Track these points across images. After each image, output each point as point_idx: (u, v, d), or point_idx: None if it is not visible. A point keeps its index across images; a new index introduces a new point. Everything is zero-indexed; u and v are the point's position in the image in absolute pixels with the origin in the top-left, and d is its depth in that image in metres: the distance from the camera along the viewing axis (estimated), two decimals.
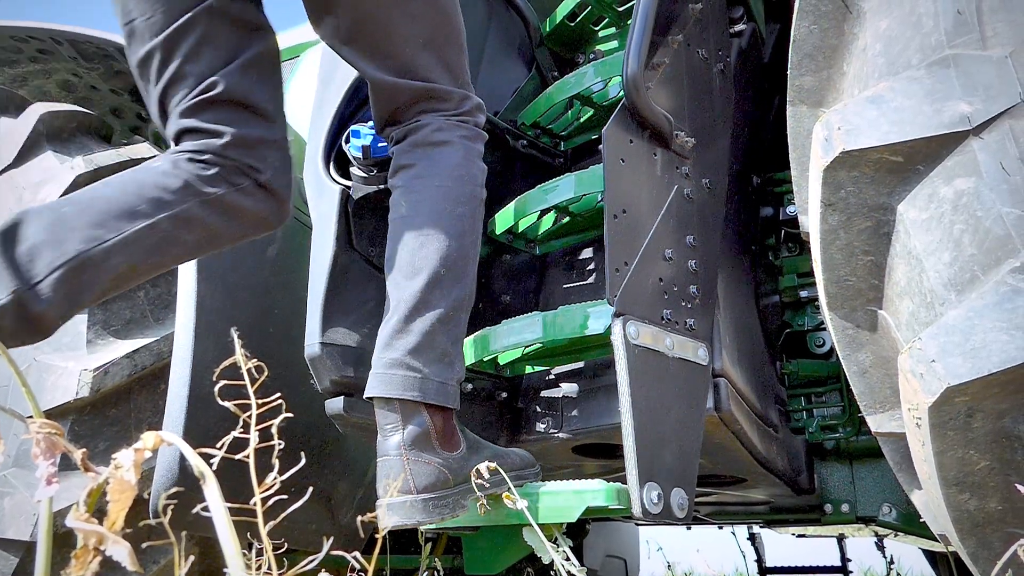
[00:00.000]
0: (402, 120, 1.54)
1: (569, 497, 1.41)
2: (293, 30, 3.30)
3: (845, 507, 2.11)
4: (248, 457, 0.66)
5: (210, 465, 0.60)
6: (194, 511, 0.67)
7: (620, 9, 2.20)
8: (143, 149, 2.38)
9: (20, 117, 2.35)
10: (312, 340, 1.72)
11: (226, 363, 0.73)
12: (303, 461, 0.69)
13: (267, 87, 1.49)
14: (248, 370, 0.73)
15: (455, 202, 1.46)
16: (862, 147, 1.20)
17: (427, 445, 1.39)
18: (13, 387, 2.08)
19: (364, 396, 1.47)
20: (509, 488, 1.40)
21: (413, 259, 1.44)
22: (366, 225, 1.82)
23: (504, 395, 1.96)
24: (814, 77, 1.44)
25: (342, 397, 1.75)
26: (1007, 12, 1.19)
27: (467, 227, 1.47)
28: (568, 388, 1.91)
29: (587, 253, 2.13)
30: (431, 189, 1.47)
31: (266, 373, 0.72)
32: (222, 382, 0.72)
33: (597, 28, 2.28)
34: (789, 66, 1.45)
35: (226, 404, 0.69)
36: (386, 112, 1.55)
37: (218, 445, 0.68)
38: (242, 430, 0.69)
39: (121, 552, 0.57)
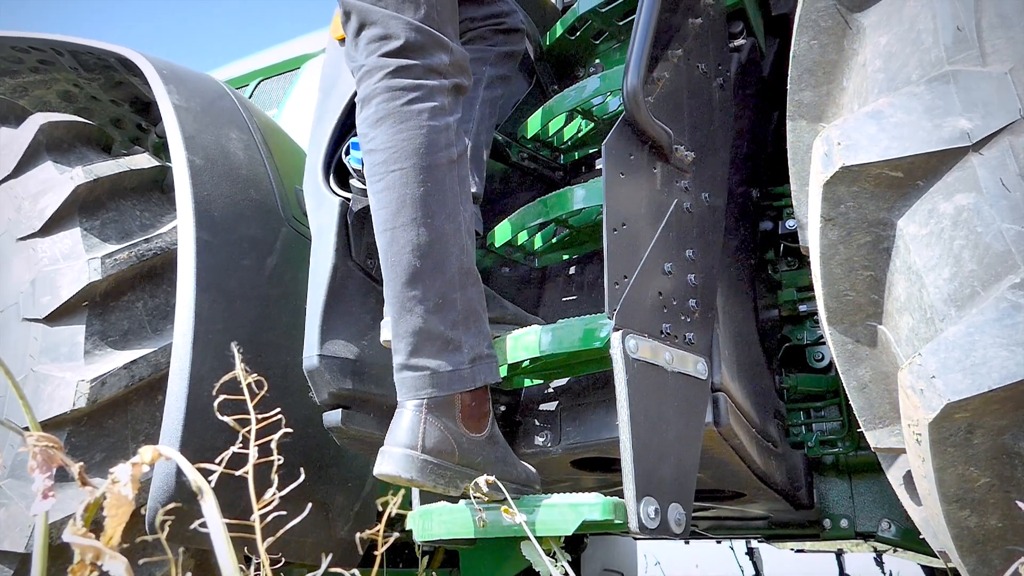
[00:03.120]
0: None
1: (565, 510, 1.40)
2: (294, 41, 3.31)
3: (844, 522, 2.10)
4: (247, 472, 0.66)
5: (208, 480, 0.59)
6: (192, 526, 0.67)
7: (620, 23, 2.21)
8: (143, 160, 2.38)
9: (20, 127, 2.35)
10: (310, 352, 1.72)
11: (226, 377, 0.73)
12: (302, 477, 0.68)
13: None
14: (248, 385, 0.72)
15: (417, 183, 1.44)
16: (862, 162, 1.20)
17: (449, 414, 1.41)
18: (10, 398, 2.08)
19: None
20: (507, 501, 1.40)
21: (387, 257, 1.45)
22: (365, 237, 1.82)
23: (502, 408, 1.96)
24: (814, 92, 1.45)
25: (340, 409, 1.75)
26: (1006, 29, 1.19)
27: (435, 205, 1.44)
28: (567, 401, 1.91)
29: (586, 267, 2.13)
30: (389, 177, 1.46)
31: (266, 388, 0.72)
32: (221, 396, 0.71)
33: (597, 42, 2.29)
34: (789, 81, 1.45)
35: (226, 419, 0.69)
36: None
37: (217, 460, 0.67)
38: (241, 445, 0.69)
39: (118, 567, 0.57)
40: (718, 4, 1.89)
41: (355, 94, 1.91)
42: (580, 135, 2.16)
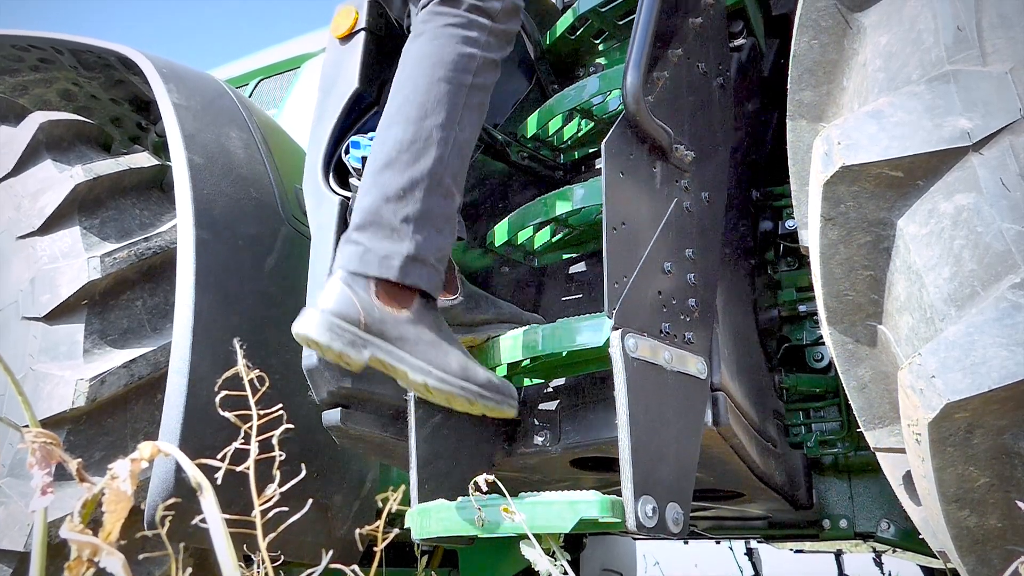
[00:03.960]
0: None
1: (563, 508, 1.40)
2: (294, 41, 3.31)
3: (843, 522, 2.11)
4: (248, 469, 0.65)
5: (207, 477, 0.59)
6: (191, 523, 0.67)
7: (620, 23, 2.21)
8: (142, 159, 2.38)
9: (20, 126, 2.35)
10: (310, 351, 1.72)
11: (228, 373, 0.73)
12: (303, 473, 0.68)
13: None
14: (249, 381, 0.72)
15: (423, 91, 1.52)
16: (862, 162, 1.20)
17: (365, 289, 1.43)
18: (9, 396, 2.08)
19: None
20: (506, 499, 1.39)
21: (374, 149, 1.53)
22: None
23: None
24: (814, 92, 1.45)
25: (339, 409, 1.75)
26: (1006, 29, 1.19)
27: (430, 109, 1.51)
28: (566, 401, 1.91)
29: (586, 266, 2.13)
30: (400, 83, 1.56)
31: (267, 384, 0.71)
32: (222, 393, 0.71)
33: (597, 42, 2.29)
34: (789, 80, 1.45)
35: (227, 415, 0.69)
36: None
37: (218, 457, 0.67)
38: (242, 441, 0.69)
39: (115, 564, 0.57)
40: (718, 4, 1.89)
41: (355, 93, 1.92)
42: (580, 134, 2.16)
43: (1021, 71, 1.16)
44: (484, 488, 1.38)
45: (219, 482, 0.72)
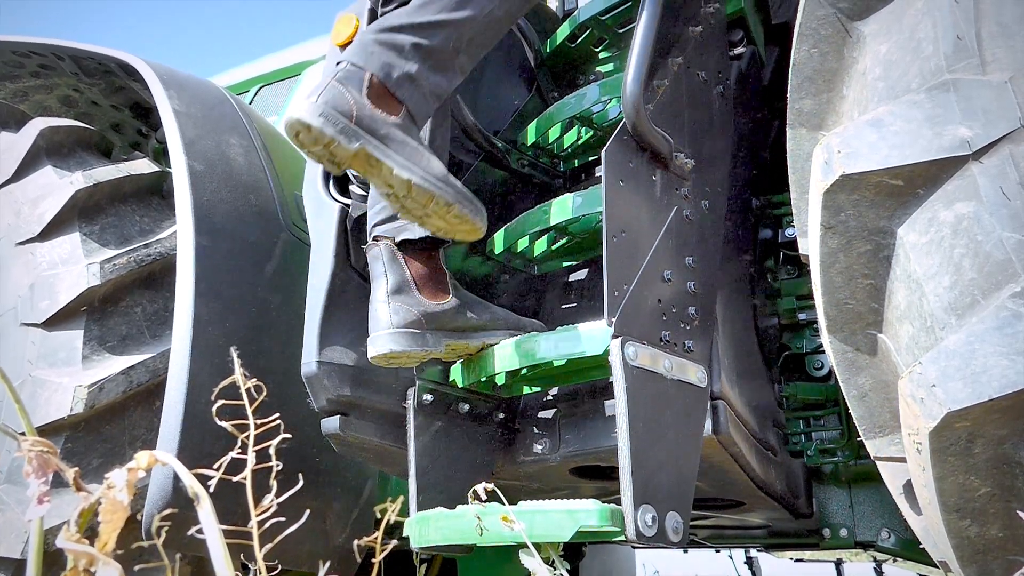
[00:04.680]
0: None
1: (562, 517, 1.40)
2: (294, 48, 3.32)
3: (844, 532, 2.10)
4: (245, 478, 0.65)
5: (205, 486, 0.59)
6: (188, 533, 0.66)
7: (620, 31, 2.21)
8: (143, 165, 2.38)
9: (20, 132, 2.35)
10: (309, 358, 1.72)
11: (225, 382, 0.72)
12: (300, 483, 0.68)
13: None
14: (247, 390, 0.72)
15: None
16: (862, 170, 1.20)
17: (357, 87, 1.49)
18: (7, 403, 2.07)
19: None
20: (505, 506, 1.39)
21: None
22: (364, 243, 1.82)
23: (501, 416, 1.95)
24: (814, 100, 1.45)
25: (338, 416, 1.74)
26: (1006, 38, 1.19)
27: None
28: (565, 409, 1.91)
29: (585, 274, 2.13)
30: None
31: (264, 393, 0.71)
32: (220, 402, 0.71)
33: (597, 50, 2.29)
34: (789, 89, 1.45)
35: (224, 424, 0.68)
36: None
37: (215, 466, 0.67)
38: (239, 450, 0.68)
39: (112, 574, 0.56)
40: (718, 12, 1.90)
41: None
42: (580, 142, 2.16)
43: (1021, 80, 1.16)
44: (483, 497, 1.38)
45: (216, 491, 0.71)
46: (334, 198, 1.86)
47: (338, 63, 1.55)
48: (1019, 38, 1.18)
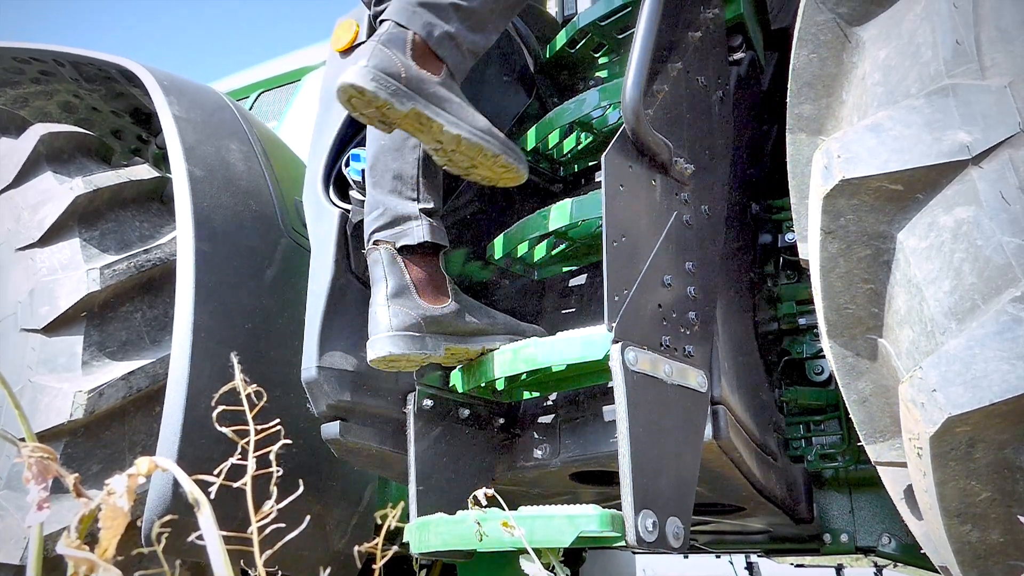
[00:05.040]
0: None
1: (562, 522, 1.39)
2: (295, 53, 3.32)
3: (844, 537, 2.10)
4: (245, 484, 0.65)
5: (205, 492, 0.59)
6: (188, 539, 0.66)
7: (620, 37, 2.22)
8: (143, 170, 2.38)
9: (20, 138, 2.35)
10: (309, 364, 1.72)
11: (226, 388, 0.72)
12: (301, 489, 0.68)
13: None
14: (247, 395, 0.72)
15: None
16: (862, 175, 1.20)
17: (400, 48, 1.57)
18: (7, 408, 2.07)
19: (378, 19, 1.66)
20: (506, 513, 1.39)
21: None
22: (364, 248, 1.82)
23: (501, 421, 1.95)
24: (813, 105, 1.45)
25: (338, 422, 1.74)
26: (1005, 43, 1.20)
27: None
28: (566, 414, 1.90)
29: (586, 279, 2.13)
30: None
31: (265, 399, 0.71)
32: (219, 408, 0.71)
33: (597, 55, 2.29)
34: (788, 94, 1.45)
35: (224, 430, 0.68)
36: None
37: (215, 472, 0.67)
38: (239, 456, 0.68)
39: None
40: (717, 18, 1.90)
41: None
42: (580, 148, 2.16)
43: (1020, 85, 1.16)
44: (483, 502, 1.37)
45: (216, 497, 0.71)
46: (334, 203, 1.86)
47: (380, 21, 1.62)
48: (1018, 43, 1.19)
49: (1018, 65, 1.17)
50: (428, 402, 1.79)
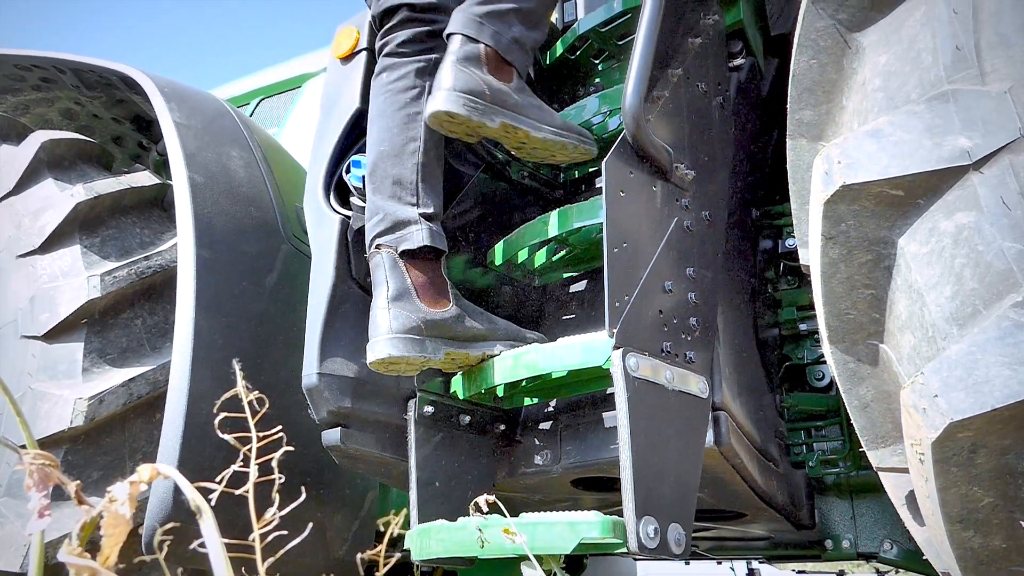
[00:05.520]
0: None
1: (564, 529, 1.39)
2: (295, 60, 3.33)
3: (846, 543, 2.09)
4: (247, 492, 0.65)
5: (207, 499, 0.59)
6: (191, 547, 0.66)
7: (620, 43, 2.22)
8: (143, 177, 2.39)
9: (21, 145, 2.36)
10: (310, 370, 1.72)
11: (228, 395, 0.72)
12: (303, 496, 0.68)
13: None
14: (248, 403, 0.72)
15: None
16: (862, 181, 1.20)
17: (476, 65, 1.67)
18: (7, 415, 2.07)
19: (444, 33, 1.74)
20: (507, 519, 1.39)
21: None
22: (365, 255, 1.81)
23: (502, 427, 1.95)
24: (813, 111, 1.45)
25: (339, 428, 1.74)
26: (1005, 48, 1.20)
27: None
28: (566, 420, 1.90)
29: (586, 284, 2.13)
30: None
31: (267, 406, 0.71)
32: (221, 415, 0.71)
33: (597, 61, 2.30)
34: (788, 100, 1.46)
35: (226, 437, 0.68)
36: None
37: (217, 479, 0.66)
38: (241, 463, 0.68)
39: None
40: (717, 24, 1.90)
41: (356, 113, 1.92)
42: None
43: (1020, 90, 1.16)
44: (484, 508, 1.37)
45: (217, 503, 0.71)
46: (335, 210, 1.86)
47: (447, 35, 1.71)
48: (1018, 48, 1.19)
49: (1018, 70, 1.18)
50: (429, 408, 1.79)
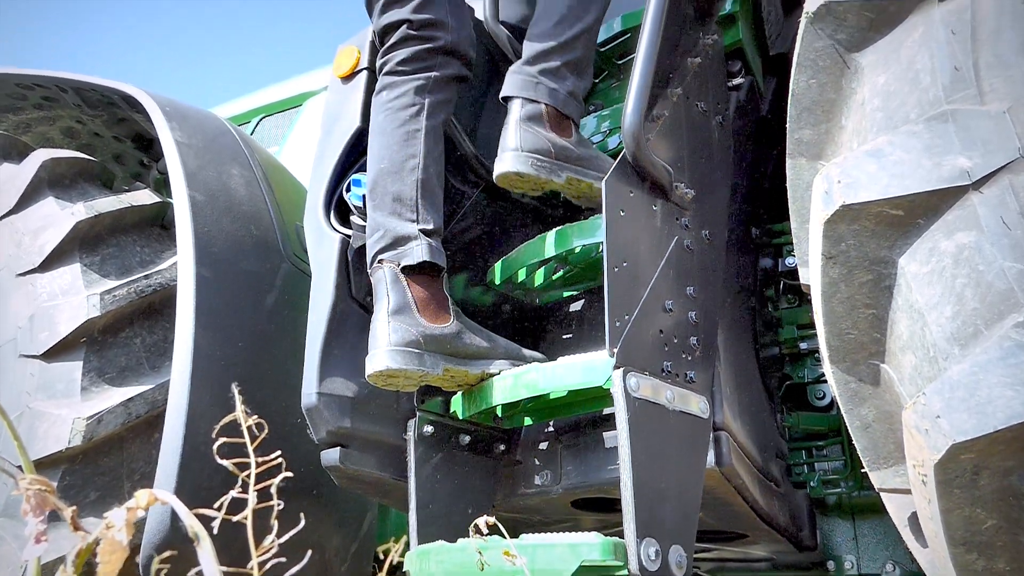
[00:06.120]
0: None
1: (564, 551, 1.38)
2: (296, 79, 3.34)
3: (848, 564, 2.07)
4: (246, 518, 0.64)
5: (205, 524, 0.58)
6: (189, 574, 0.65)
7: (619, 62, 2.23)
8: (144, 196, 2.39)
9: (23, 163, 2.36)
10: (309, 390, 1.71)
11: (226, 420, 0.72)
12: (302, 523, 0.67)
13: None
14: (248, 428, 0.71)
15: None
16: (862, 201, 1.20)
17: (539, 123, 1.73)
18: (4, 435, 2.06)
19: (500, 96, 1.80)
20: (507, 541, 1.38)
21: (543, 6, 1.83)
22: (365, 274, 1.81)
23: (502, 447, 1.94)
24: (813, 130, 1.45)
25: (338, 448, 1.73)
26: (1003, 68, 1.20)
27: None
28: (567, 440, 1.89)
29: (586, 303, 2.12)
30: None
31: (265, 431, 0.71)
32: (220, 440, 0.70)
33: (597, 81, 2.30)
34: (788, 119, 1.46)
35: (225, 463, 0.68)
36: None
37: (215, 505, 0.66)
38: (240, 489, 0.68)
39: None
40: (716, 44, 1.91)
41: (356, 132, 1.93)
42: None
43: (1019, 110, 1.16)
44: (484, 530, 1.36)
45: (216, 525, 0.70)
46: (335, 229, 1.86)
47: (505, 99, 1.78)
48: (1016, 69, 1.19)
49: (1017, 91, 1.18)
50: (428, 428, 1.78)
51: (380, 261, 1.71)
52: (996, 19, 1.23)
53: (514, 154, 1.69)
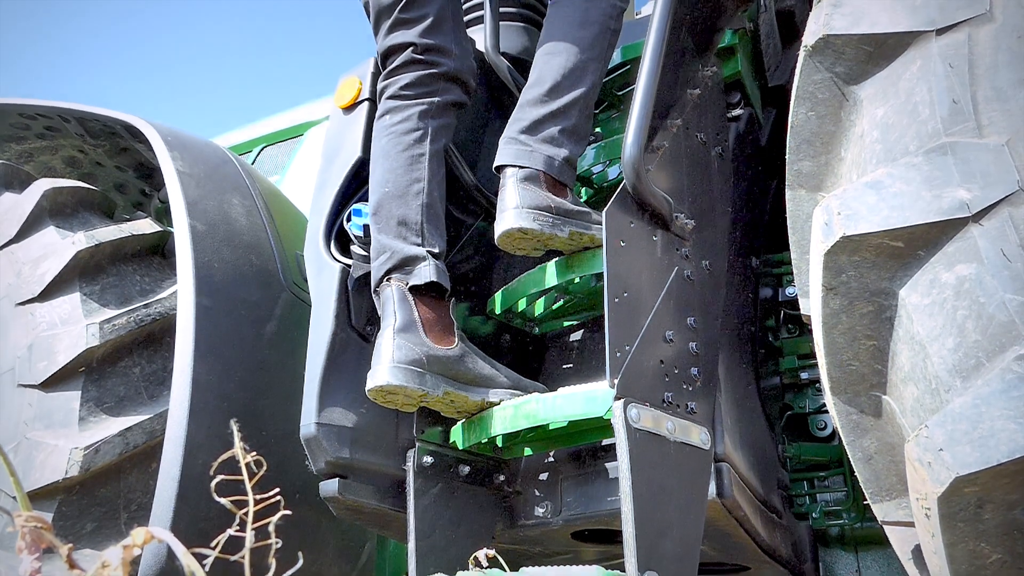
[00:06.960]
0: None
1: None
2: (297, 108, 3.36)
3: None
4: (243, 557, 0.64)
5: (202, 565, 0.57)
6: None
7: (619, 93, 2.24)
8: (145, 224, 2.39)
9: (24, 192, 2.36)
10: (308, 420, 1.70)
11: (224, 456, 0.71)
12: (300, 562, 0.66)
13: None
14: (246, 464, 0.71)
15: (578, 25, 1.84)
16: (862, 232, 1.20)
17: (537, 185, 1.72)
18: (1, 465, 2.04)
19: (494, 166, 1.79)
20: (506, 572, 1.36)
21: (538, 72, 1.82)
22: (365, 304, 1.81)
23: (502, 478, 1.92)
24: (812, 162, 1.46)
25: (337, 479, 1.72)
26: (1002, 101, 1.21)
27: (586, 44, 1.83)
28: (567, 471, 1.88)
29: (587, 333, 2.12)
30: (559, 19, 1.88)
31: (264, 468, 0.70)
32: (219, 477, 0.70)
33: (597, 111, 2.32)
34: (787, 151, 1.47)
35: (223, 501, 0.67)
36: None
37: (212, 544, 0.65)
38: (237, 527, 0.67)
39: None
40: (716, 75, 1.93)
41: (357, 162, 1.93)
42: (581, 202, 2.17)
43: (1018, 143, 1.17)
44: (484, 563, 1.35)
45: (211, 562, 0.70)
46: (335, 258, 1.86)
47: (499, 168, 1.77)
48: (1014, 101, 1.20)
49: (1015, 123, 1.18)
50: (428, 459, 1.77)
51: (388, 279, 1.71)
52: (993, 54, 1.24)
53: (516, 211, 1.68)
